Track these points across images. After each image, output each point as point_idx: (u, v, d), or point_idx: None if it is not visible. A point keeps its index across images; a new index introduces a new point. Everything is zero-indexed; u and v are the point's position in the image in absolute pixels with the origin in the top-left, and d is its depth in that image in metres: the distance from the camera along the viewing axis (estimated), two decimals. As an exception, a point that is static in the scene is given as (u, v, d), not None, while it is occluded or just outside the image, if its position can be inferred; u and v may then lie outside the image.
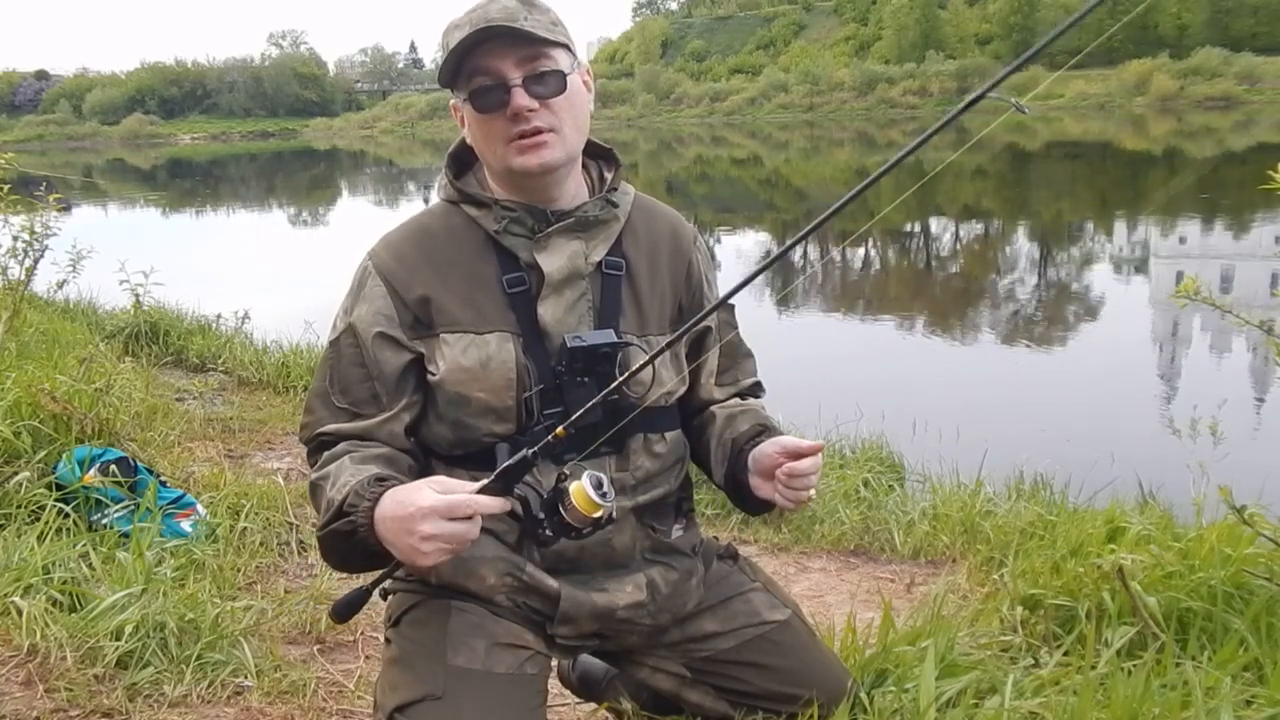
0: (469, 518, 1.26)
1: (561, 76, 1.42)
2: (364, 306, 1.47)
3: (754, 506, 1.57)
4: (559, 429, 1.31)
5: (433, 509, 1.24)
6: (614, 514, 1.36)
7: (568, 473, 1.38)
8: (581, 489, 1.32)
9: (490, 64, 1.39)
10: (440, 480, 1.30)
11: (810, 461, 1.43)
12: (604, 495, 1.33)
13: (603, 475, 1.35)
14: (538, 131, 1.40)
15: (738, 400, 1.67)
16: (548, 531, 1.35)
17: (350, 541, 1.33)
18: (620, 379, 1.36)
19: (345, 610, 1.44)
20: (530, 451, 1.30)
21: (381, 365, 1.45)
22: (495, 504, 1.28)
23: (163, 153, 63.63)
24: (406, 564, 1.32)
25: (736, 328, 1.69)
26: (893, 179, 1.31)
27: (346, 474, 1.37)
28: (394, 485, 1.32)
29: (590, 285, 1.49)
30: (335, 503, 1.34)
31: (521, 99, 1.39)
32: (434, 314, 1.45)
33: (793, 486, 1.44)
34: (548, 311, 1.45)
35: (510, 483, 1.30)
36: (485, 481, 1.30)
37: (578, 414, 1.32)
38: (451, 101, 1.49)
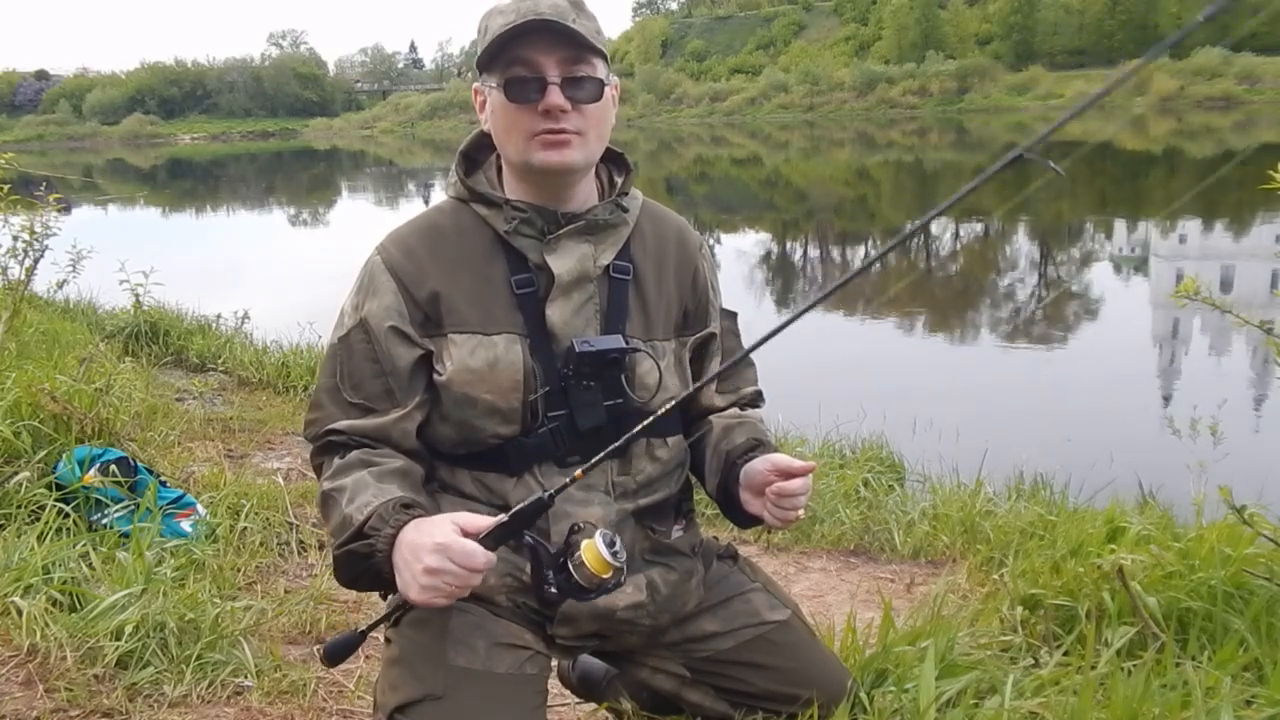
0: (474, 569, 1.26)
1: (599, 84, 1.42)
2: (375, 301, 1.46)
3: (743, 520, 1.57)
4: (578, 472, 1.32)
5: (443, 546, 1.25)
6: (623, 577, 1.36)
7: (580, 526, 1.38)
8: (594, 547, 1.31)
9: (532, 56, 1.39)
10: (465, 517, 1.30)
11: (800, 482, 1.44)
12: (615, 554, 1.32)
13: (616, 535, 1.35)
14: (564, 131, 1.40)
15: (736, 411, 1.67)
16: (553, 590, 1.35)
17: (365, 563, 1.34)
18: (643, 424, 1.35)
19: (337, 654, 1.44)
20: (547, 494, 1.31)
21: (395, 360, 1.45)
22: (492, 560, 1.28)
23: (163, 153, 63.63)
24: (403, 595, 1.31)
25: (739, 336, 1.69)
26: (893, 181, 1.32)
27: (368, 492, 1.36)
28: (419, 515, 1.32)
29: (598, 289, 1.49)
30: (356, 522, 1.34)
31: (556, 97, 1.39)
32: (443, 313, 1.45)
33: (781, 506, 1.45)
34: (555, 314, 1.45)
35: (523, 524, 1.31)
36: (500, 519, 1.30)
37: (595, 461, 1.33)
38: (475, 85, 1.48)
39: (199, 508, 2.97)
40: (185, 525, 2.83)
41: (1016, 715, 1.76)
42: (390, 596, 1.47)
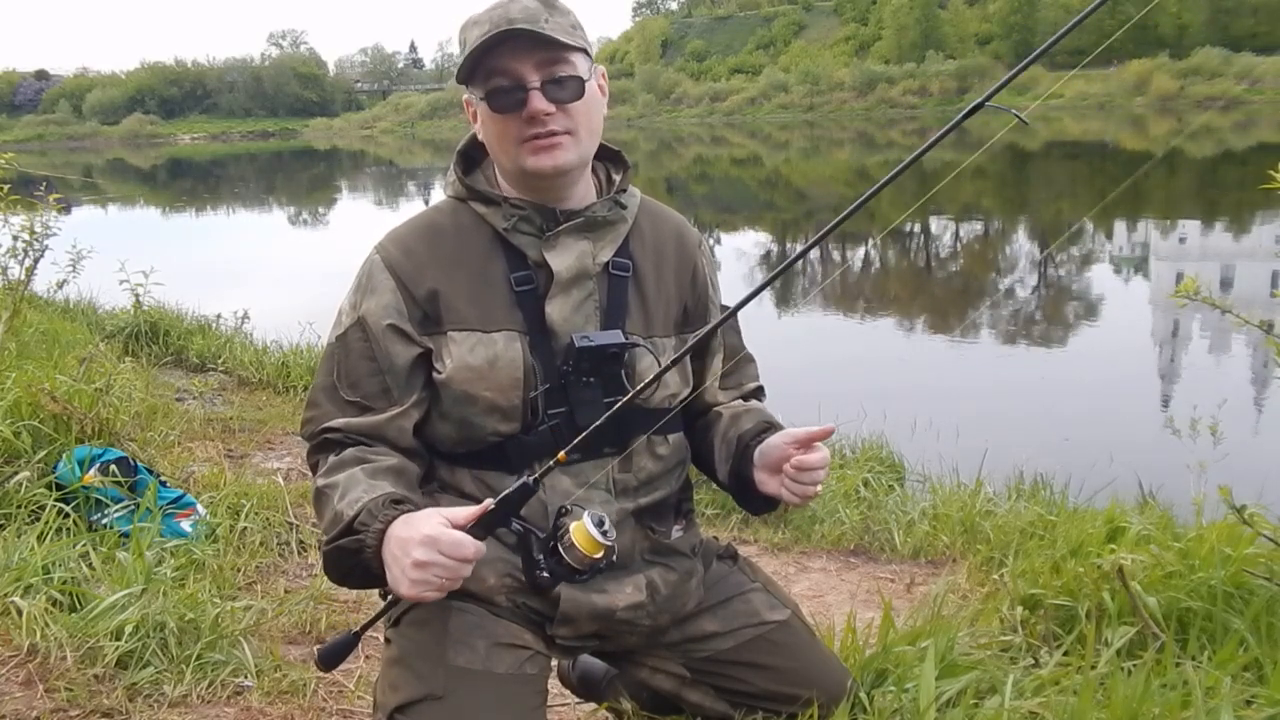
0: (464, 559, 1.26)
1: (580, 82, 1.42)
2: (373, 300, 1.46)
3: (758, 504, 1.57)
4: (560, 454, 1.31)
5: (432, 538, 1.24)
6: (614, 556, 1.35)
7: (568, 508, 1.37)
8: (583, 527, 1.30)
9: (509, 65, 1.39)
10: (452, 510, 1.30)
11: (819, 456, 1.43)
12: (605, 533, 1.31)
13: (604, 514, 1.34)
14: (553, 134, 1.40)
15: (741, 402, 1.67)
16: (545, 574, 1.35)
17: (355, 559, 1.33)
18: (632, 392, 1.36)
19: (331, 658, 1.44)
20: (531, 479, 1.31)
21: (392, 358, 1.45)
22: (482, 549, 1.28)
23: (163, 153, 63.61)
24: (393, 591, 1.31)
25: (740, 333, 1.69)
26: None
27: (359, 489, 1.36)
28: (409, 510, 1.32)
29: (597, 285, 1.49)
30: (345, 518, 1.33)
31: (539, 102, 1.39)
32: (442, 311, 1.45)
33: (801, 480, 1.44)
34: (555, 311, 1.45)
35: (509, 511, 1.31)
36: (486, 504, 1.30)
37: (578, 439, 1.33)
38: (465, 96, 1.49)
39: (199, 508, 2.97)
40: (185, 525, 2.83)
41: (1016, 715, 1.76)
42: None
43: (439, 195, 1.59)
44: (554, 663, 1.73)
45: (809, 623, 1.73)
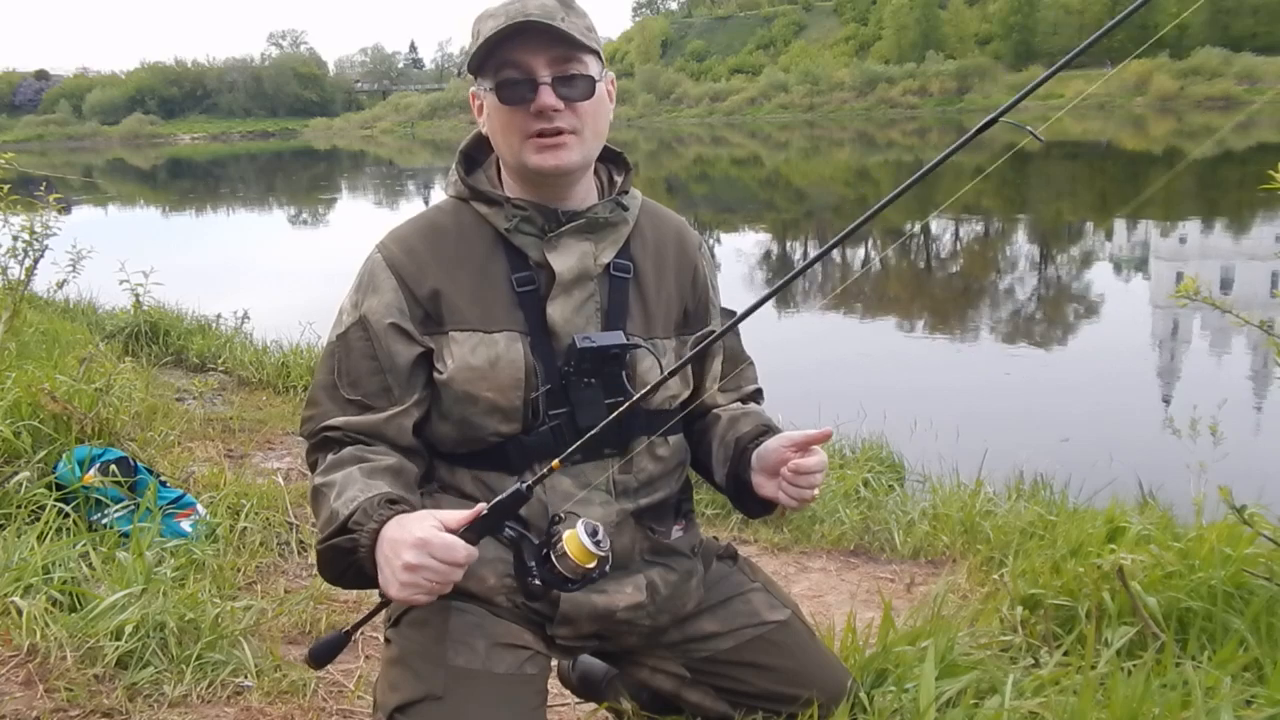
0: (455, 564, 1.26)
1: (591, 82, 1.42)
2: (375, 299, 1.46)
3: (755, 508, 1.57)
4: (554, 462, 1.31)
5: (424, 541, 1.24)
6: (608, 565, 1.35)
7: (562, 515, 1.37)
8: (576, 537, 1.30)
9: (521, 58, 1.39)
10: (446, 512, 1.30)
11: (817, 460, 1.44)
12: (599, 543, 1.31)
13: (598, 524, 1.34)
14: (559, 132, 1.40)
15: (739, 404, 1.68)
16: (537, 581, 1.35)
17: (348, 559, 1.33)
18: (635, 397, 1.37)
19: (323, 655, 1.44)
20: (524, 486, 1.30)
21: (394, 357, 1.44)
22: (474, 554, 1.28)
23: (163, 153, 63.61)
24: (383, 592, 1.30)
25: (739, 335, 1.69)
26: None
27: (355, 487, 1.36)
28: (404, 510, 1.32)
29: (598, 287, 1.49)
30: (340, 517, 1.33)
31: (548, 98, 1.39)
32: (444, 311, 1.45)
33: (798, 484, 1.44)
34: (556, 311, 1.45)
35: (502, 516, 1.31)
36: (480, 508, 1.30)
37: (572, 448, 1.33)
38: (471, 89, 1.49)
39: (199, 508, 2.97)
40: (185, 525, 2.83)
41: (1016, 715, 1.76)
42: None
43: (439, 195, 1.58)
44: (554, 663, 1.73)
45: (809, 623, 1.73)
